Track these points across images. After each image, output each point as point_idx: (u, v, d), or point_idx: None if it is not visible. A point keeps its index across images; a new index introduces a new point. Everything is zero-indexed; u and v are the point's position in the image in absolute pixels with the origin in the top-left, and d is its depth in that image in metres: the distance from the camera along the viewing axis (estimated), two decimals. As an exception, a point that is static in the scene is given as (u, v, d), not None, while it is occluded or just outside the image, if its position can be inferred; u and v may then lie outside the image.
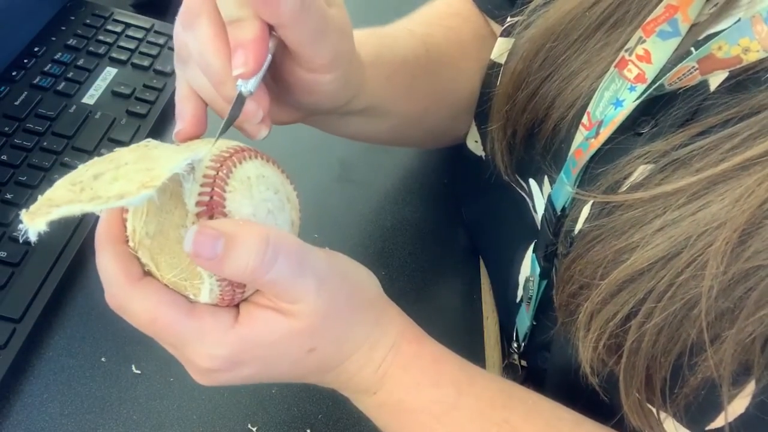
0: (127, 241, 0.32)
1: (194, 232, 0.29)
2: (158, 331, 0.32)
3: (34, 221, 0.25)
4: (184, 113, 0.36)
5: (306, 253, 0.32)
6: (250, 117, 0.33)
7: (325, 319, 0.33)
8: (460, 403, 0.36)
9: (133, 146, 0.31)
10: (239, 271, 0.29)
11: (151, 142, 0.32)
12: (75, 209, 0.26)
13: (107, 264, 0.31)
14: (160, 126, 0.59)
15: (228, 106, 0.33)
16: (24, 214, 0.26)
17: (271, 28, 0.33)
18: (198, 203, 0.30)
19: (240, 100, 0.32)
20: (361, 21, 0.38)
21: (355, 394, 0.38)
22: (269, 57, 0.33)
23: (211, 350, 0.32)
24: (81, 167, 0.29)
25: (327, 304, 0.32)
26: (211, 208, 0.30)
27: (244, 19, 0.32)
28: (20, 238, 0.26)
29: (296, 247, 0.31)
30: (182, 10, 0.34)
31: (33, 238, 0.26)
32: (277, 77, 0.38)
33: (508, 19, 0.51)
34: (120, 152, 0.30)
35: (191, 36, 0.34)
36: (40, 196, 0.27)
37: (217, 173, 0.30)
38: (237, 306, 0.33)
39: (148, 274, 0.32)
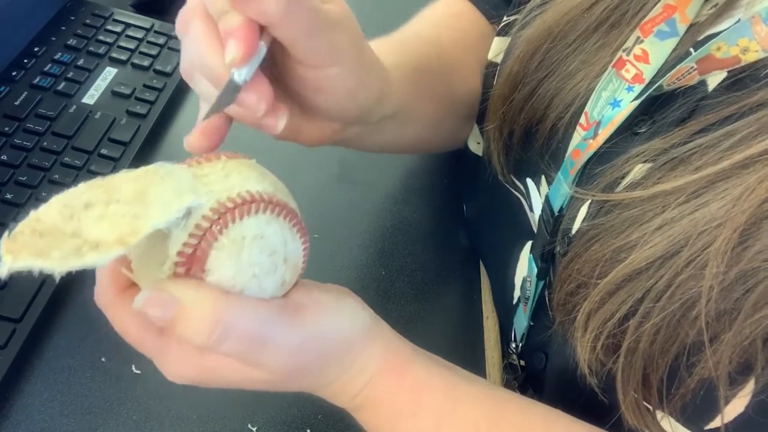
0: None
1: (146, 298, 0.29)
2: (130, 341, 0.33)
3: (7, 255, 0.24)
4: (197, 126, 0.35)
5: (268, 331, 0.31)
6: (252, 108, 0.32)
7: (290, 375, 0.33)
8: None
9: (140, 171, 0.28)
10: (185, 339, 0.30)
11: (161, 169, 0.29)
12: (38, 264, 0.24)
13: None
14: (160, 126, 0.59)
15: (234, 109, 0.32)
16: (4, 239, 0.25)
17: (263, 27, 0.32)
18: (179, 253, 0.28)
19: (232, 86, 0.31)
20: (363, 24, 0.38)
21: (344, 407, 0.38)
22: (264, 48, 0.32)
23: (175, 370, 0.32)
24: (81, 186, 0.27)
25: (293, 367, 0.32)
26: (191, 263, 0.28)
27: (230, 10, 0.31)
28: None
29: (253, 330, 0.30)
30: (177, 20, 0.34)
31: (2, 275, 0.24)
32: (285, 82, 0.37)
33: (504, 18, 0.51)
34: (123, 178, 0.28)
35: (188, 40, 0.34)
36: (32, 211, 0.26)
37: (211, 226, 0.28)
38: None
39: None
